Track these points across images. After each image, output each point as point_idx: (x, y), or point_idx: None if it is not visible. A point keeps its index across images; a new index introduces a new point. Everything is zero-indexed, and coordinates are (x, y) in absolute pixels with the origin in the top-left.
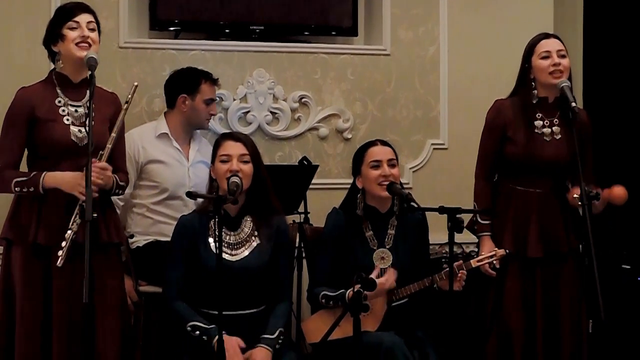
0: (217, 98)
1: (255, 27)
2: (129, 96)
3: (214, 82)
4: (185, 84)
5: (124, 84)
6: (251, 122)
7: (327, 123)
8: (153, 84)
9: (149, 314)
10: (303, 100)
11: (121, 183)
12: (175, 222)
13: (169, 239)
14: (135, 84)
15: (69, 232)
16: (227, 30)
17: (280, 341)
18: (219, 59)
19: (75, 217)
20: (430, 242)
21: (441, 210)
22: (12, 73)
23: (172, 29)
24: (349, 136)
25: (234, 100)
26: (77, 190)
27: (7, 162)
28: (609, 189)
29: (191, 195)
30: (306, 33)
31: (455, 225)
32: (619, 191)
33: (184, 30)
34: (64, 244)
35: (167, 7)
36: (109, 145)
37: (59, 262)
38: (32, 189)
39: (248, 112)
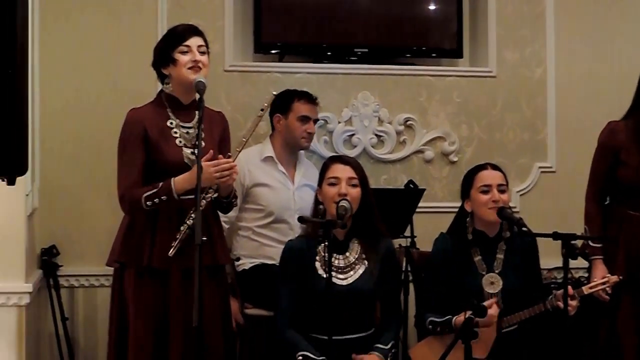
0: (322, 120)
1: (358, 50)
2: (265, 104)
3: (309, 99)
4: (279, 105)
5: (229, 106)
6: (356, 145)
7: (432, 146)
8: (258, 107)
9: (255, 337)
10: (408, 123)
11: (236, 193)
12: (280, 246)
13: (275, 262)
14: (274, 92)
15: (182, 227)
16: (330, 53)
17: (392, 353)
18: (323, 82)
19: (183, 233)
20: None
21: (555, 236)
22: (118, 97)
23: (274, 52)
24: (455, 159)
25: (339, 123)
26: (215, 178)
27: (130, 184)
28: None
29: (302, 220)
30: (407, 55)
31: (569, 252)
32: None
33: (287, 53)
34: (175, 243)
35: (271, 31)
36: (237, 149)
37: (171, 252)
38: (164, 197)
39: (353, 135)
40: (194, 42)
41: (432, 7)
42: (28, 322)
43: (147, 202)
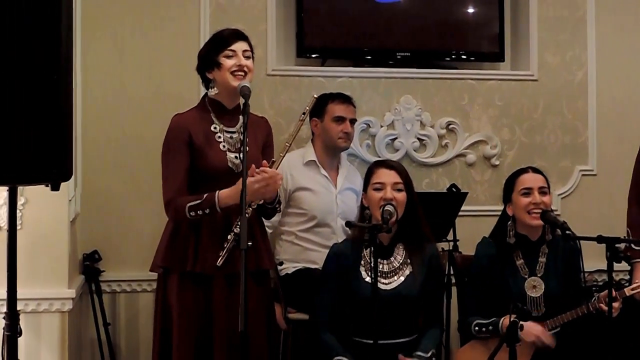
0: (364, 124)
1: (400, 53)
2: (307, 107)
3: (343, 100)
4: (315, 109)
5: (271, 110)
6: (398, 148)
7: (474, 149)
8: (300, 111)
9: (298, 341)
10: (450, 126)
11: (280, 199)
12: (323, 249)
13: (317, 266)
14: (315, 95)
15: (229, 236)
16: (371, 57)
17: None
18: (365, 86)
19: (231, 242)
20: None
21: (600, 239)
22: (161, 102)
23: (314, 56)
24: (497, 162)
25: (381, 127)
26: (260, 194)
27: (175, 189)
28: None
29: (349, 224)
30: (449, 59)
31: (614, 255)
32: None
33: (329, 57)
34: (223, 252)
35: (313, 35)
36: (281, 155)
37: (219, 262)
38: (207, 211)
39: (395, 138)
40: (239, 46)
41: (473, 10)
42: (71, 328)
43: (191, 213)
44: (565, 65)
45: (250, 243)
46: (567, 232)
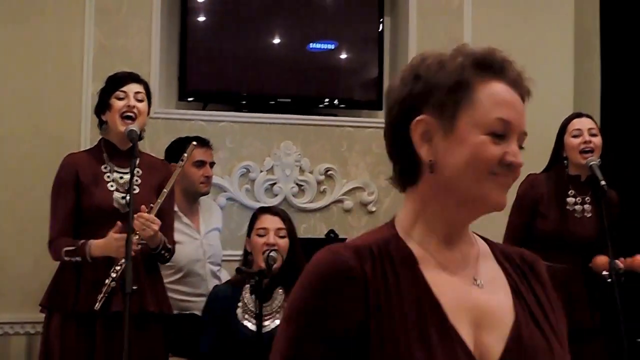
0: (244, 169)
1: (280, 99)
2: (185, 154)
3: (202, 143)
4: (174, 154)
5: (152, 153)
6: (277, 193)
7: (351, 196)
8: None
9: None
10: (329, 172)
11: (169, 246)
12: (194, 298)
13: (191, 312)
14: (194, 143)
15: (107, 281)
16: (252, 102)
17: None
18: (246, 131)
19: (109, 286)
20: None
21: None
22: (40, 143)
23: (196, 100)
24: (373, 209)
25: (261, 171)
26: (124, 254)
27: (57, 229)
28: (631, 258)
29: (240, 271)
30: (328, 106)
31: None
32: None
33: (210, 101)
34: (100, 296)
35: (194, 79)
36: (159, 200)
37: (97, 306)
38: (79, 259)
39: (274, 183)
40: (132, 88)
41: (353, 59)
42: None
43: (66, 257)
44: None
45: (135, 287)
46: None
